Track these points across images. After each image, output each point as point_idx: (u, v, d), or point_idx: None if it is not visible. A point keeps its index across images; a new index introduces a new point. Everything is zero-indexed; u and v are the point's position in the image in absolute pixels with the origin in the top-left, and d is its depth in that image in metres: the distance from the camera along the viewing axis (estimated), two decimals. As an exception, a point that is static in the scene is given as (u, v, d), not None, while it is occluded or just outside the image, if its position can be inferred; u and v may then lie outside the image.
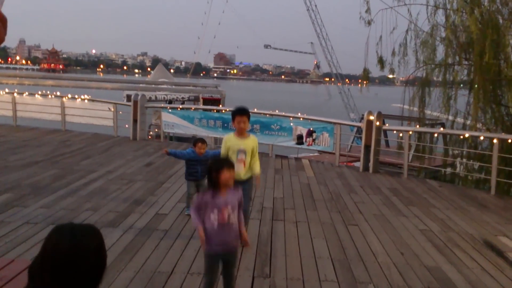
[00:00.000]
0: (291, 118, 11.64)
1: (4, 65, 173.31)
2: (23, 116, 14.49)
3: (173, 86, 24.57)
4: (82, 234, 1.64)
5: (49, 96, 14.48)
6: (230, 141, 5.20)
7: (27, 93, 14.86)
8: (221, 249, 3.55)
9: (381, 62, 11.94)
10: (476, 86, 9.76)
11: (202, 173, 6.19)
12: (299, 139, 11.25)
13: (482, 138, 9.87)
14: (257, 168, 5.30)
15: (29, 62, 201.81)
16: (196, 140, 6.49)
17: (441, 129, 11.63)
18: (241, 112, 5.17)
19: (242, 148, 5.15)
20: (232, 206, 3.53)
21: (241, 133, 5.19)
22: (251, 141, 5.21)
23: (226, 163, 3.57)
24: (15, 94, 14.53)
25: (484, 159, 9.94)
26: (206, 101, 21.41)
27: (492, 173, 8.72)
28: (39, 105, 14.21)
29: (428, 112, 11.56)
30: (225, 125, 12.06)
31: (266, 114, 12.20)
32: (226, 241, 3.54)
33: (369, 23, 11.44)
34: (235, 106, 5.38)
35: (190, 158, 6.36)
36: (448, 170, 11.25)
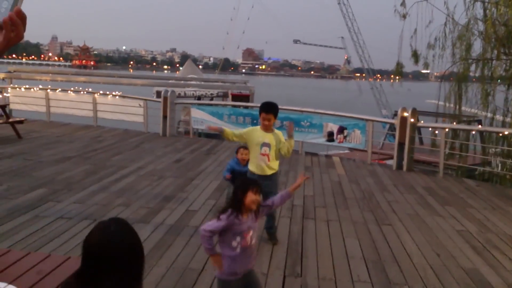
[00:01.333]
0: (321, 115, 11.48)
1: (37, 62, 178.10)
2: (56, 112, 14.77)
3: (202, 82, 24.69)
4: (114, 230, 1.65)
5: (81, 92, 14.72)
6: (255, 133, 5.12)
7: (59, 89, 15.15)
8: (241, 273, 3.23)
9: (415, 55, 11.65)
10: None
11: None
12: (330, 136, 11.09)
13: (521, 135, 9.52)
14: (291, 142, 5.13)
15: (61, 58, 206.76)
16: (239, 147, 5.96)
17: (479, 126, 11.27)
18: (266, 110, 5.04)
19: (266, 142, 5.07)
20: (253, 230, 3.20)
21: (266, 129, 5.11)
22: (276, 135, 5.11)
23: (254, 184, 3.19)
24: (48, 90, 14.82)
25: (524, 158, 9.58)
26: (235, 97, 21.43)
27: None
28: (72, 101, 14.46)
29: (464, 108, 11.21)
30: (254, 121, 11.98)
31: (296, 110, 12.07)
32: (247, 264, 3.25)
33: (404, 16, 11.18)
34: (264, 102, 5.29)
35: (234, 171, 5.84)
36: (486, 168, 10.88)
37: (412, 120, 9.98)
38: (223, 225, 3.05)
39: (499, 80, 10.92)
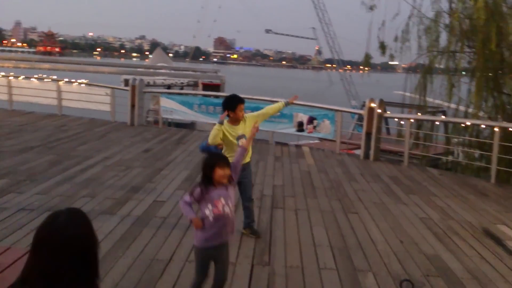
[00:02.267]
0: (291, 105, 11.50)
1: (0, 48, 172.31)
2: (19, 100, 14.32)
3: (172, 71, 24.44)
4: (63, 222, 1.61)
5: (45, 80, 14.32)
6: (226, 130, 5.07)
7: (23, 76, 14.69)
8: (216, 243, 3.45)
9: (382, 47, 11.81)
10: (478, 74, 9.65)
11: None
12: (300, 126, 11.16)
13: (483, 126, 9.81)
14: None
15: (25, 44, 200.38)
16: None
17: (442, 117, 11.55)
18: (243, 100, 5.15)
19: (240, 134, 5.07)
20: (225, 198, 3.42)
21: (236, 120, 5.10)
22: (248, 122, 5.10)
23: (221, 159, 3.46)
24: (11, 78, 14.36)
25: (484, 148, 9.88)
26: (206, 87, 21.31)
27: (492, 162, 8.68)
28: (35, 89, 14.03)
29: (430, 99, 11.46)
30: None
31: (266, 100, 12.06)
32: (221, 233, 3.44)
33: (371, 8, 11.31)
34: (230, 94, 5.31)
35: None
36: (449, 158, 11.19)
37: (379, 110, 10.14)
38: (195, 196, 3.42)
39: (463, 72, 11.20)
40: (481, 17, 9.25)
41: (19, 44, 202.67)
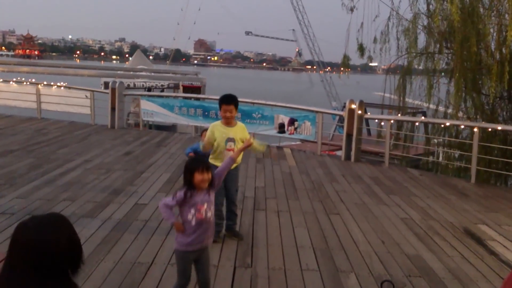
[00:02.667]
0: (272, 107, 11.55)
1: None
2: (-3, 104, 14.10)
3: (152, 73, 24.28)
4: (47, 227, 1.61)
5: (24, 83, 14.10)
6: (217, 130, 5.04)
7: (1, 80, 14.44)
8: (198, 247, 3.47)
9: (361, 49, 11.91)
10: (457, 75, 9.80)
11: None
12: (281, 128, 11.18)
13: (462, 127, 9.96)
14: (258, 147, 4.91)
15: (3, 48, 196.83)
16: (203, 130, 6.04)
17: (422, 117, 11.70)
18: (227, 101, 5.03)
19: (230, 137, 5.03)
20: (207, 203, 3.44)
21: (228, 122, 5.07)
22: (239, 129, 5.08)
23: (199, 165, 3.42)
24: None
25: (464, 148, 10.03)
26: (186, 89, 21.20)
27: (472, 162, 8.80)
28: (14, 92, 13.82)
29: (409, 100, 11.60)
30: (206, 113, 11.91)
31: (247, 102, 12.07)
32: (203, 238, 3.46)
33: (351, 10, 11.39)
34: (222, 94, 5.24)
35: (198, 152, 5.64)
36: (429, 158, 11.32)
37: (359, 112, 10.22)
38: (178, 199, 3.39)
39: (442, 73, 11.35)
40: (457, 19, 9.39)
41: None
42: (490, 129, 9.11)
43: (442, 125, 10.52)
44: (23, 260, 1.58)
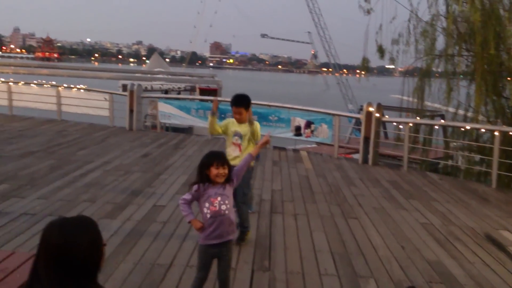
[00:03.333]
0: (289, 109, 11.54)
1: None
2: (19, 106, 14.32)
3: (169, 76, 24.45)
4: (72, 228, 1.66)
5: (45, 86, 14.31)
6: (229, 123, 5.16)
7: (22, 82, 14.68)
8: (216, 242, 3.50)
9: (380, 50, 11.83)
10: (477, 77, 9.66)
11: None
12: (297, 131, 11.15)
13: (483, 130, 9.81)
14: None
15: (23, 50, 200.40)
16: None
17: (441, 121, 11.56)
18: (236, 103, 5.03)
19: (238, 131, 5.06)
20: (222, 196, 3.46)
21: (239, 121, 5.11)
22: (251, 127, 5.06)
23: (216, 158, 3.46)
24: (10, 83, 14.35)
25: (485, 152, 9.84)
26: (203, 92, 21.32)
27: (493, 166, 8.64)
28: (35, 94, 14.04)
29: (428, 103, 11.47)
30: (222, 115, 11.92)
31: (263, 105, 12.09)
32: (220, 232, 3.49)
33: (368, 12, 11.33)
34: (234, 94, 5.24)
35: None
36: (449, 162, 11.17)
37: (377, 115, 10.14)
38: (193, 194, 3.47)
39: (461, 76, 11.21)
40: (478, 20, 9.28)
41: (18, 50, 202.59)
42: (511, 133, 8.95)
43: (462, 129, 10.37)
44: (48, 260, 1.63)
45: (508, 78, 9.46)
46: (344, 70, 58.17)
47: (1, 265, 3.18)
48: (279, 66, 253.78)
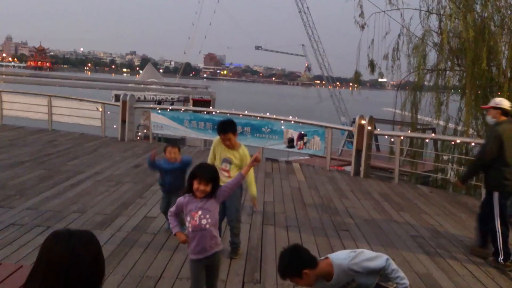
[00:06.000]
0: (282, 121, 11.58)
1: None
2: (9, 115, 14.24)
3: (163, 87, 24.44)
4: (79, 241, 1.65)
5: (36, 95, 14.25)
6: (218, 147, 5.06)
7: (13, 91, 14.62)
8: (202, 256, 3.51)
9: (371, 65, 11.93)
10: (468, 92, 9.77)
11: (171, 186, 5.48)
12: (290, 143, 11.18)
13: (473, 144, 9.89)
14: (252, 189, 5.10)
15: (15, 59, 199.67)
16: (166, 146, 5.70)
17: (432, 134, 11.64)
18: (223, 130, 4.91)
19: (227, 158, 5.01)
20: (203, 210, 3.43)
21: (230, 147, 5.00)
22: (238, 153, 4.99)
23: (200, 173, 3.41)
24: (1, 92, 14.27)
25: (475, 165, 9.92)
26: (196, 103, 21.30)
27: (482, 180, 8.68)
28: (26, 103, 13.97)
29: (419, 117, 11.56)
30: (215, 127, 11.92)
31: (257, 116, 12.13)
32: (203, 246, 3.48)
33: (362, 27, 11.45)
34: (219, 121, 5.13)
35: (160, 168, 5.63)
36: (439, 175, 11.24)
37: (369, 127, 10.21)
38: (177, 204, 3.52)
39: (452, 90, 11.32)
40: (470, 36, 9.40)
41: (10, 59, 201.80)
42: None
43: (453, 142, 10.45)
44: (49, 273, 1.60)
45: (499, 93, 9.55)
46: (337, 83, 58.41)
47: (-13, 276, 3.11)
48: (273, 78, 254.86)
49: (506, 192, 5.48)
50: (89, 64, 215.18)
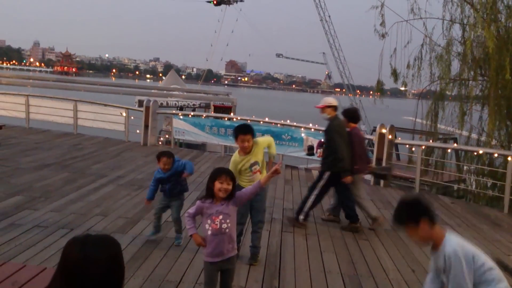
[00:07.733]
0: (302, 129, 11.59)
1: (18, 67, 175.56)
2: (35, 118, 14.59)
3: (185, 93, 24.67)
4: (93, 245, 1.67)
5: (62, 99, 14.57)
6: (237, 162, 5.05)
7: (40, 95, 14.98)
8: (218, 259, 3.58)
9: (395, 74, 11.88)
10: (491, 102, 9.65)
11: (171, 191, 5.62)
12: (310, 150, 11.13)
13: (496, 155, 9.75)
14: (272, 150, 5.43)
15: (42, 64, 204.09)
16: (159, 154, 5.65)
17: (454, 144, 11.52)
18: (244, 131, 4.95)
19: (253, 162, 5.07)
20: (223, 214, 3.51)
21: (245, 152, 5.03)
22: (257, 148, 5.07)
23: (222, 173, 3.52)
24: (28, 96, 14.65)
25: (497, 177, 9.79)
26: (217, 109, 21.46)
27: (505, 191, 8.57)
28: (52, 107, 14.30)
29: (441, 126, 11.46)
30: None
31: (277, 124, 12.18)
32: (220, 249, 3.55)
33: (383, 36, 11.44)
34: (237, 125, 5.17)
35: (159, 179, 5.67)
36: (461, 186, 11.10)
37: (389, 136, 10.14)
38: (196, 208, 3.57)
39: (475, 100, 11.20)
40: (492, 46, 9.30)
41: (37, 63, 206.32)
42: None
43: (475, 153, 10.32)
44: (67, 275, 1.64)
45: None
46: (358, 91, 58.00)
47: (12, 278, 3.16)
48: (293, 86, 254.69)
49: None
50: (114, 70, 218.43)
